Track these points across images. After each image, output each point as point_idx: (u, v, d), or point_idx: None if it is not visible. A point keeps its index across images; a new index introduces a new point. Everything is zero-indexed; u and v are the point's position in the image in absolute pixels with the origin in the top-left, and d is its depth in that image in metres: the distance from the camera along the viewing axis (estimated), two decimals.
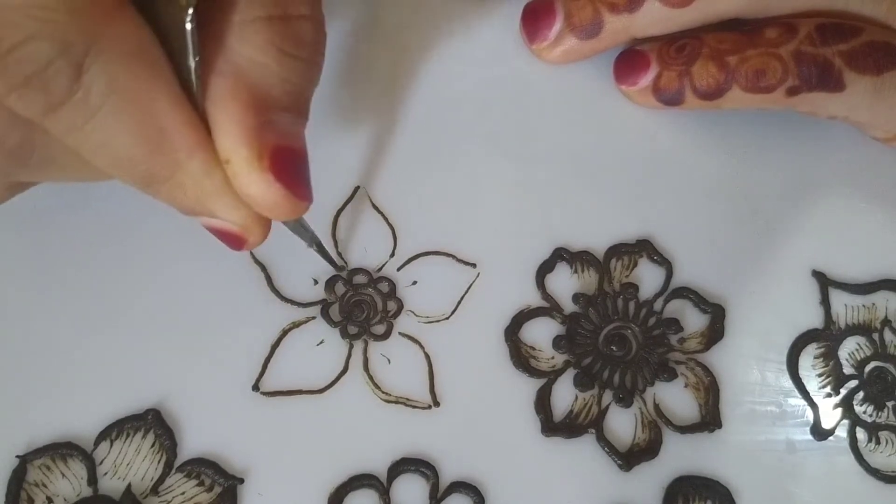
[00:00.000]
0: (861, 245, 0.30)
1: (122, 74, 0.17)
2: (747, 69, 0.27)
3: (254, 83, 0.18)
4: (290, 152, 0.19)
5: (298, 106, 0.20)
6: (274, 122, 0.19)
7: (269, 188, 0.19)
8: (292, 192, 0.19)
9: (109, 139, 0.18)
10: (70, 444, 0.25)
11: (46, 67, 0.16)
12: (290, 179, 0.19)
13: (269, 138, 0.19)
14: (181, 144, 0.18)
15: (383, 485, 0.25)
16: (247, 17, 0.18)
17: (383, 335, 0.27)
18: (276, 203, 0.19)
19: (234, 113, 0.18)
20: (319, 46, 0.20)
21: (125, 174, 0.19)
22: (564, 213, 0.29)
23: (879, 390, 0.28)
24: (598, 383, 0.27)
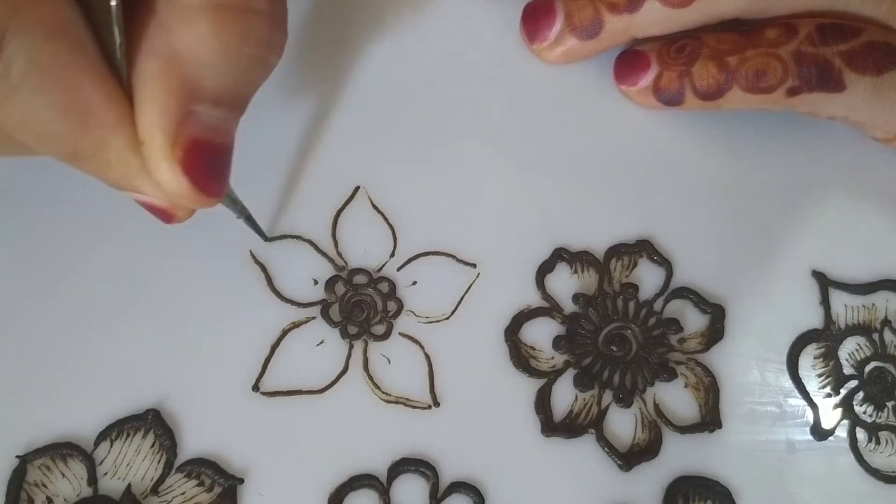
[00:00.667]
0: (861, 245, 0.30)
1: (44, 51, 0.17)
2: (747, 69, 0.27)
3: (187, 71, 0.18)
4: (207, 147, 0.19)
5: (233, 102, 0.19)
6: (198, 115, 0.18)
7: (175, 179, 0.19)
8: (200, 187, 0.19)
9: (31, 115, 0.17)
10: (70, 445, 0.25)
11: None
12: (201, 175, 0.19)
13: (187, 130, 0.18)
14: (105, 121, 0.18)
15: (383, 485, 0.25)
16: (196, 1, 0.18)
17: (383, 335, 0.27)
18: (181, 194, 0.19)
19: (156, 97, 0.18)
20: (273, 46, 0.20)
21: (50, 149, 0.19)
22: (564, 213, 0.29)
23: (879, 390, 0.28)
24: (598, 383, 0.27)
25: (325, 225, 0.28)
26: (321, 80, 0.30)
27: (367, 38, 0.30)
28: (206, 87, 0.18)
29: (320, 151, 0.29)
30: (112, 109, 0.18)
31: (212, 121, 0.19)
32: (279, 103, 0.29)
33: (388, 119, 0.30)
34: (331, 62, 0.30)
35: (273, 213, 0.28)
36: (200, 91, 0.18)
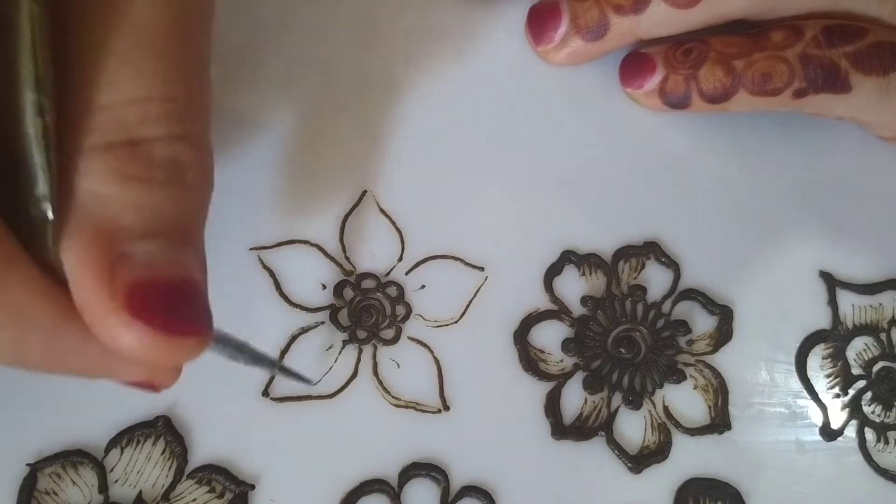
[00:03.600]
0: (868, 245, 0.30)
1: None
2: (754, 73, 0.27)
3: (98, 217, 0.16)
4: (156, 285, 0.16)
5: (167, 231, 0.17)
6: (131, 255, 0.16)
7: (129, 331, 0.16)
8: (164, 330, 0.16)
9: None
10: (80, 452, 0.25)
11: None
12: (158, 316, 0.16)
13: (123, 274, 0.16)
14: (44, 319, 0.16)
15: (394, 489, 0.25)
16: (84, 148, 0.16)
17: (392, 340, 0.27)
18: (146, 347, 0.16)
19: (77, 255, 0.16)
20: (186, 166, 0.18)
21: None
22: (572, 215, 0.29)
23: (887, 390, 0.28)
24: (608, 386, 0.27)
25: (332, 229, 0.28)
26: (327, 84, 0.30)
27: (372, 44, 0.30)
28: (127, 224, 0.16)
29: (327, 156, 0.29)
30: (49, 308, 0.16)
31: (150, 257, 0.17)
32: (285, 108, 0.29)
33: (395, 123, 0.29)
34: (335, 67, 0.30)
35: (280, 218, 0.28)
36: (122, 231, 0.16)
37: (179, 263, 0.17)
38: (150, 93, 0.17)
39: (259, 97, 0.29)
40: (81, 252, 0.16)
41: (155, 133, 0.17)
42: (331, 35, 0.30)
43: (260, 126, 0.29)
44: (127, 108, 0.17)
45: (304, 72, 0.30)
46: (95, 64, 0.17)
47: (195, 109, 0.18)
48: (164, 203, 0.17)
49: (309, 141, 0.29)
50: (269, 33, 0.30)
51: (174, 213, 0.17)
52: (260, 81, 0.29)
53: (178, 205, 0.18)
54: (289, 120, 0.29)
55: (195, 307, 0.17)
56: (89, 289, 0.16)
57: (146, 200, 0.17)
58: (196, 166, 0.18)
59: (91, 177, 0.16)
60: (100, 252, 0.16)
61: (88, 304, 0.16)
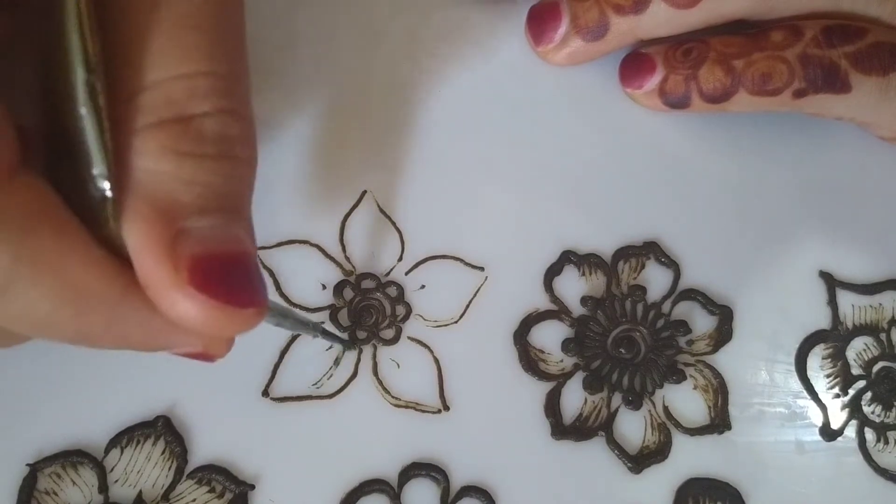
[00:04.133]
0: (868, 245, 0.30)
1: (27, 244, 0.16)
2: (754, 73, 0.27)
3: (155, 194, 0.17)
4: (213, 259, 0.17)
5: (221, 205, 0.18)
6: (189, 230, 0.17)
7: (194, 304, 0.17)
8: (226, 301, 0.17)
9: (27, 310, 0.16)
10: (80, 452, 0.25)
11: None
12: (220, 288, 0.17)
13: (184, 249, 0.17)
14: (107, 298, 0.17)
15: (394, 490, 0.25)
16: (137, 127, 0.17)
17: (392, 340, 0.27)
18: (210, 319, 0.17)
19: (138, 232, 0.17)
20: (234, 140, 0.18)
21: (54, 336, 0.18)
22: (571, 215, 0.29)
23: (887, 390, 0.28)
24: (608, 386, 0.27)
25: (332, 229, 0.28)
26: (328, 86, 0.30)
27: (373, 45, 0.30)
28: (184, 201, 0.17)
29: (327, 156, 0.29)
30: (110, 284, 0.17)
31: (207, 231, 0.17)
32: (286, 108, 0.29)
33: (395, 123, 0.29)
34: (336, 68, 0.30)
35: (280, 218, 0.28)
36: (180, 207, 0.17)
37: (235, 237, 0.18)
38: (196, 68, 0.17)
39: (259, 98, 0.29)
40: (143, 229, 0.17)
41: (204, 108, 0.17)
42: (332, 36, 0.30)
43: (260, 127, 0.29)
44: (174, 84, 0.17)
45: (305, 73, 0.30)
46: (141, 42, 0.17)
47: (239, 83, 0.18)
48: (217, 178, 0.18)
49: (309, 142, 0.29)
50: (270, 35, 0.30)
51: (227, 187, 0.18)
52: (261, 82, 0.29)
53: (230, 179, 0.18)
54: (290, 122, 0.29)
55: (252, 279, 0.18)
56: (153, 265, 0.17)
57: (200, 176, 0.17)
58: (244, 140, 0.19)
59: (146, 155, 0.17)
60: (161, 229, 0.17)
61: (152, 280, 0.17)
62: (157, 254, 0.17)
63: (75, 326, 0.17)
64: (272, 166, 0.28)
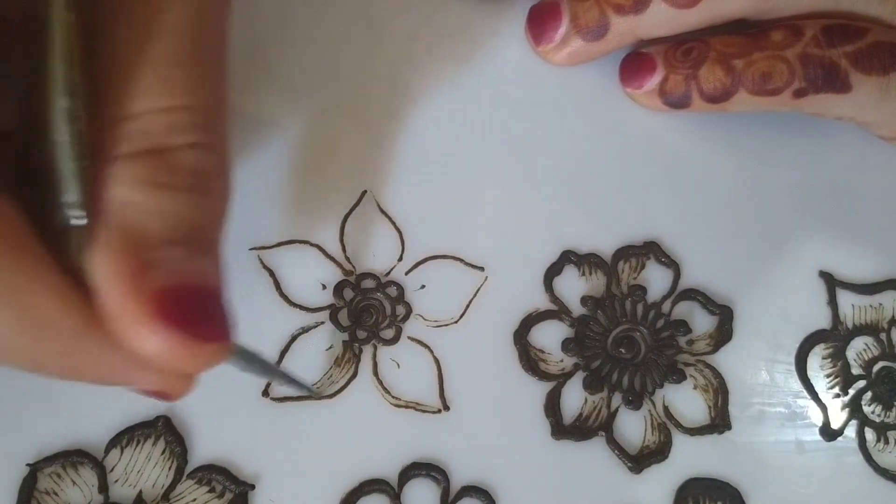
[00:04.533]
0: (868, 245, 0.30)
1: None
2: (754, 72, 0.27)
3: (125, 224, 0.16)
4: (181, 292, 0.17)
5: (190, 238, 0.17)
6: (157, 261, 0.17)
7: (157, 337, 0.16)
8: (189, 334, 0.17)
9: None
10: (80, 452, 0.25)
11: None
12: (187, 321, 0.17)
13: (150, 280, 0.16)
14: (67, 328, 0.16)
15: (394, 490, 0.25)
16: (113, 156, 0.17)
17: (392, 340, 0.27)
18: (172, 352, 0.17)
19: (105, 262, 0.16)
20: (208, 174, 0.18)
21: (9, 363, 0.17)
22: (572, 215, 0.29)
23: (887, 390, 0.28)
24: (608, 386, 0.27)
25: (332, 229, 0.28)
26: (328, 86, 0.30)
27: (372, 44, 0.30)
28: (153, 231, 0.17)
29: (327, 156, 0.29)
30: (72, 314, 0.16)
31: (173, 263, 0.17)
32: (287, 108, 0.29)
33: (395, 123, 0.29)
34: (335, 67, 0.30)
35: (280, 218, 0.28)
36: (148, 238, 0.17)
37: (203, 270, 0.18)
38: (177, 102, 0.17)
39: (259, 98, 0.29)
40: (109, 259, 0.16)
41: (180, 141, 0.17)
42: (332, 36, 0.30)
43: (260, 127, 0.29)
44: (155, 116, 0.17)
45: (305, 73, 0.30)
46: (128, 73, 0.17)
47: (217, 118, 0.18)
48: (189, 210, 0.17)
49: (309, 141, 0.29)
50: (270, 35, 0.30)
51: (198, 220, 0.18)
52: (261, 82, 0.29)
53: (202, 212, 0.18)
54: (289, 121, 0.29)
55: (217, 313, 0.18)
56: (117, 294, 0.16)
57: (172, 207, 0.17)
58: (218, 173, 0.18)
59: (119, 184, 0.17)
60: (128, 259, 0.16)
61: (116, 310, 0.16)
62: (123, 284, 0.16)
63: (31, 355, 0.17)
64: (272, 166, 0.28)
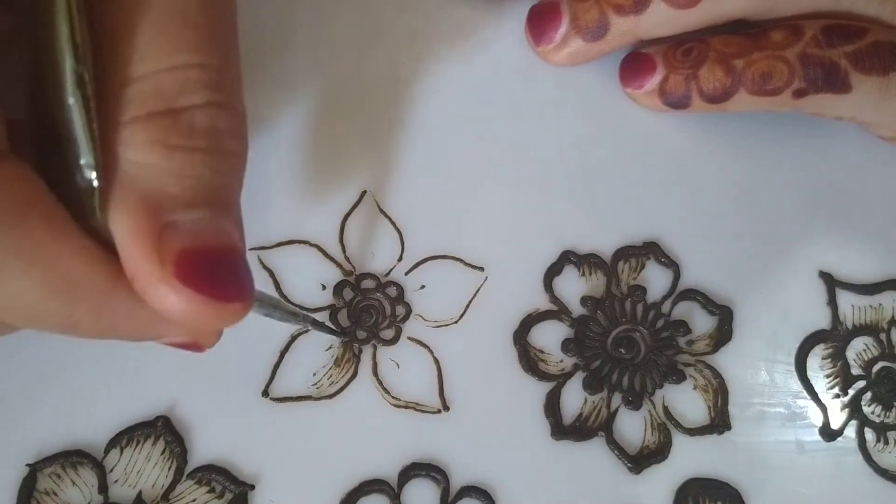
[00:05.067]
0: (868, 245, 0.30)
1: (15, 234, 0.16)
2: (754, 72, 0.27)
3: (144, 187, 0.17)
4: (200, 253, 0.17)
5: (209, 199, 0.18)
6: (177, 223, 0.17)
7: (179, 298, 0.17)
8: (212, 295, 0.17)
9: (16, 300, 0.16)
10: (80, 452, 0.25)
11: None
12: (206, 282, 0.17)
13: (171, 242, 0.17)
14: (96, 286, 0.17)
15: (394, 490, 0.25)
16: (125, 119, 0.17)
17: (392, 340, 0.27)
18: (195, 313, 0.17)
19: (125, 225, 0.17)
20: (224, 133, 0.18)
21: (44, 327, 0.18)
22: (571, 216, 0.29)
23: (887, 390, 0.28)
24: (607, 386, 0.27)
25: (332, 230, 0.28)
26: (328, 85, 0.30)
27: (372, 44, 0.30)
28: (172, 193, 0.17)
29: (327, 156, 0.29)
30: (99, 272, 0.17)
31: (194, 225, 0.17)
32: (287, 107, 0.29)
33: (395, 123, 0.29)
34: (337, 68, 0.30)
35: (280, 218, 0.28)
36: (168, 200, 0.17)
37: (222, 231, 0.18)
38: (186, 60, 0.17)
39: (259, 98, 0.29)
40: (130, 222, 0.17)
41: (194, 101, 0.17)
42: (332, 36, 0.30)
43: (260, 126, 0.29)
44: (164, 76, 0.17)
45: (305, 73, 0.30)
46: (130, 33, 0.17)
47: (230, 76, 0.18)
48: (206, 171, 0.18)
49: (309, 141, 0.29)
50: (270, 34, 0.30)
51: (215, 181, 0.18)
52: (261, 82, 0.29)
53: (219, 172, 0.18)
54: (289, 120, 0.29)
55: (239, 273, 0.18)
56: (139, 257, 0.17)
57: (189, 169, 0.17)
58: (234, 133, 0.18)
59: (134, 147, 0.17)
60: (147, 222, 0.17)
61: (139, 272, 0.17)
62: (143, 247, 0.17)
63: (64, 316, 0.17)
64: (272, 165, 0.28)
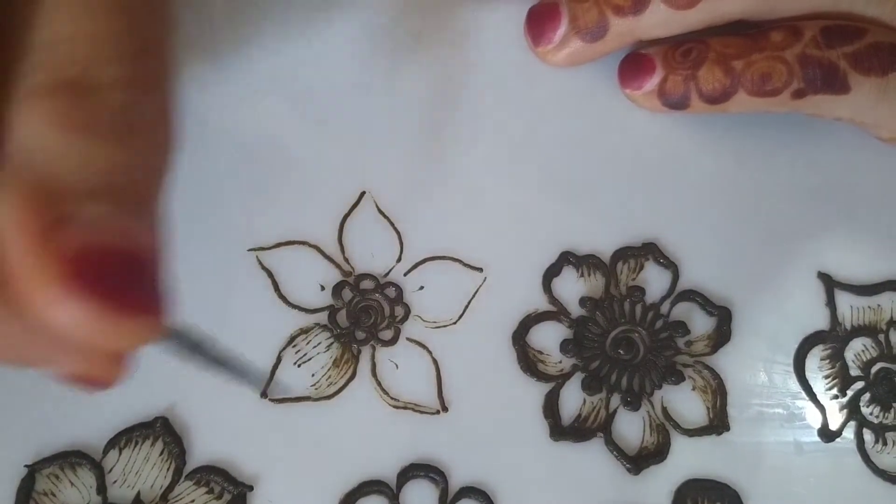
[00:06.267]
0: (866, 246, 0.30)
1: None
2: (753, 73, 0.27)
3: (38, 170, 0.14)
4: (101, 252, 0.14)
5: (119, 192, 0.15)
6: (73, 217, 0.14)
7: (74, 306, 0.13)
8: (113, 304, 0.14)
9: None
10: (78, 453, 0.25)
11: None
12: (107, 288, 0.14)
13: (65, 237, 0.14)
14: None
15: (393, 490, 0.25)
16: (22, 91, 0.14)
17: (391, 341, 0.27)
18: (90, 324, 0.14)
19: (10, 214, 0.14)
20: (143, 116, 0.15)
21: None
22: (570, 216, 0.29)
23: (886, 391, 0.28)
24: (606, 387, 0.27)
25: (331, 230, 0.28)
26: (327, 85, 0.29)
27: (370, 44, 0.30)
28: (69, 180, 0.14)
29: (326, 156, 0.29)
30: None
31: (95, 219, 0.14)
32: (286, 107, 0.29)
33: (394, 124, 0.29)
34: (336, 67, 0.30)
35: (279, 219, 0.28)
36: (63, 188, 0.14)
37: (130, 230, 0.15)
38: (95, 28, 0.15)
39: (259, 98, 0.29)
40: (15, 212, 0.14)
41: (103, 75, 0.15)
42: (331, 36, 0.30)
43: (260, 126, 0.29)
44: (69, 45, 0.14)
45: (304, 73, 0.30)
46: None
47: (150, 50, 0.16)
48: (115, 158, 0.15)
49: (308, 141, 0.29)
50: (269, 32, 0.30)
51: (127, 171, 0.15)
52: (260, 83, 0.29)
53: (130, 160, 0.15)
54: (288, 120, 0.29)
55: (146, 280, 0.15)
56: (23, 254, 0.14)
57: (92, 154, 0.14)
58: (155, 117, 0.16)
59: (29, 124, 0.14)
60: (37, 212, 0.14)
61: (21, 272, 0.14)
62: (31, 240, 0.14)
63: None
64: (271, 166, 0.28)
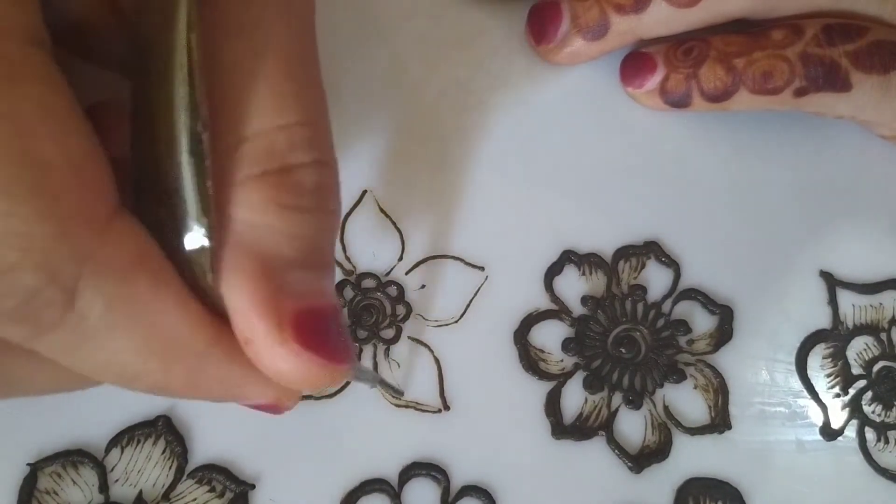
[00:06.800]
0: (868, 245, 0.30)
1: (122, 291, 0.15)
2: (754, 71, 0.27)
3: (259, 248, 0.16)
4: (314, 314, 0.17)
5: (316, 259, 0.18)
6: (291, 285, 0.17)
7: (297, 361, 0.17)
8: (327, 357, 0.17)
9: (114, 359, 0.16)
10: (81, 452, 0.25)
11: (32, 298, 0.14)
12: (321, 344, 0.17)
13: (287, 305, 0.17)
14: (195, 348, 0.17)
15: (394, 489, 0.25)
16: (239, 178, 0.16)
17: (392, 339, 0.27)
18: (310, 375, 0.17)
19: (242, 288, 0.16)
20: (328, 192, 0.18)
21: (133, 386, 0.17)
22: (572, 215, 0.29)
23: (888, 390, 0.28)
24: (608, 386, 0.27)
25: None
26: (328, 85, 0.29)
27: (372, 43, 0.30)
28: (285, 254, 0.17)
29: None
30: (200, 334, 0.17)
31: (305, 286, 0.17)
32: None
33: (395, 122, 0.29)
34: (337, 67, 0.30)
35: None
36: (282, 261, 0.17)
37: (326, 291, 0.18)
38: (294, 118, 0.17)
39: None
40: (246, 284, 0.16)
41: (302, 159, 0.17)
42: (333, 35, 0.30)
43: None
44: (276, 135, 0.17)
45: None
46: (240, 91, 0.16)
47: (327, 131, 0.18)
48: (314, 231, 0.17)
49: None
50: None
51: (323, 240, 0.18)
52: None
53: (325, 232, 0.18)
54: None
55: (344, 333, 0.18)
56: (256, 320, 0.16)
57: (301, 230, 0.17)
58: (336, 191, 0.18)
59: (247, 207, 0.16)
60: (265, 283, 0.16)
61: (256, 336, 0.16)
62: (261, 310, 0.16)
63: (158, 378, 0.17)
64: None
